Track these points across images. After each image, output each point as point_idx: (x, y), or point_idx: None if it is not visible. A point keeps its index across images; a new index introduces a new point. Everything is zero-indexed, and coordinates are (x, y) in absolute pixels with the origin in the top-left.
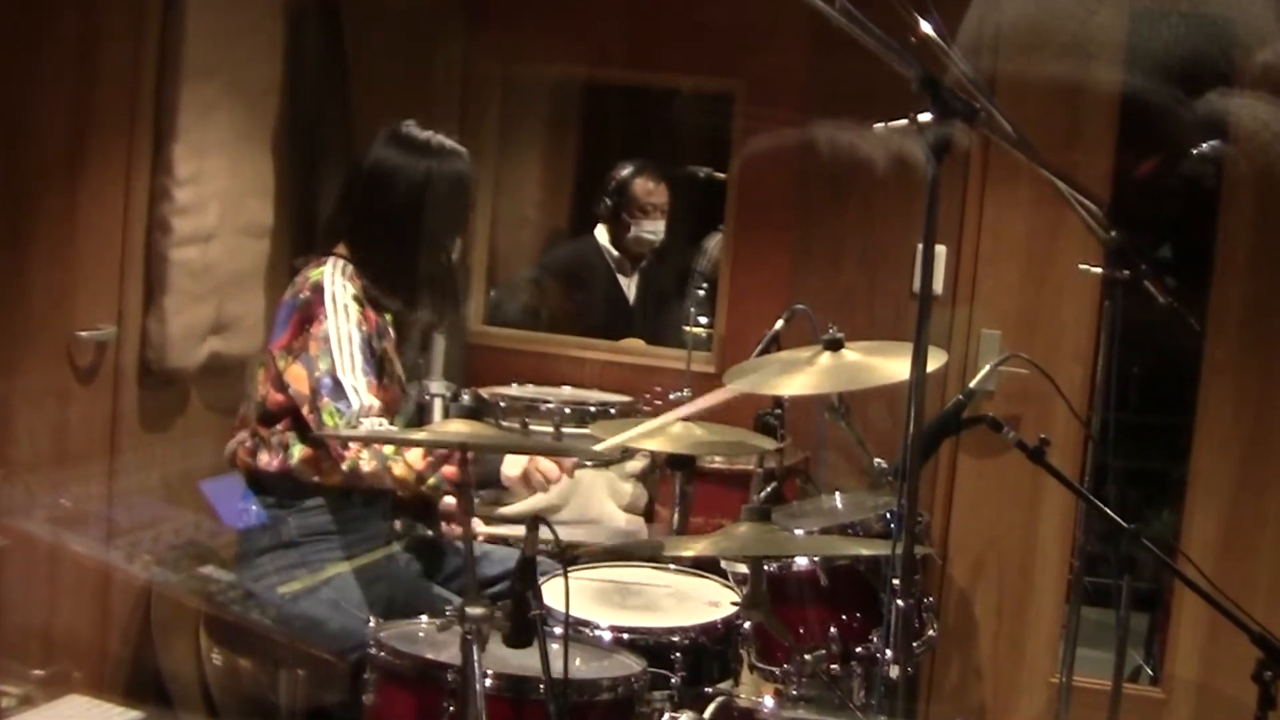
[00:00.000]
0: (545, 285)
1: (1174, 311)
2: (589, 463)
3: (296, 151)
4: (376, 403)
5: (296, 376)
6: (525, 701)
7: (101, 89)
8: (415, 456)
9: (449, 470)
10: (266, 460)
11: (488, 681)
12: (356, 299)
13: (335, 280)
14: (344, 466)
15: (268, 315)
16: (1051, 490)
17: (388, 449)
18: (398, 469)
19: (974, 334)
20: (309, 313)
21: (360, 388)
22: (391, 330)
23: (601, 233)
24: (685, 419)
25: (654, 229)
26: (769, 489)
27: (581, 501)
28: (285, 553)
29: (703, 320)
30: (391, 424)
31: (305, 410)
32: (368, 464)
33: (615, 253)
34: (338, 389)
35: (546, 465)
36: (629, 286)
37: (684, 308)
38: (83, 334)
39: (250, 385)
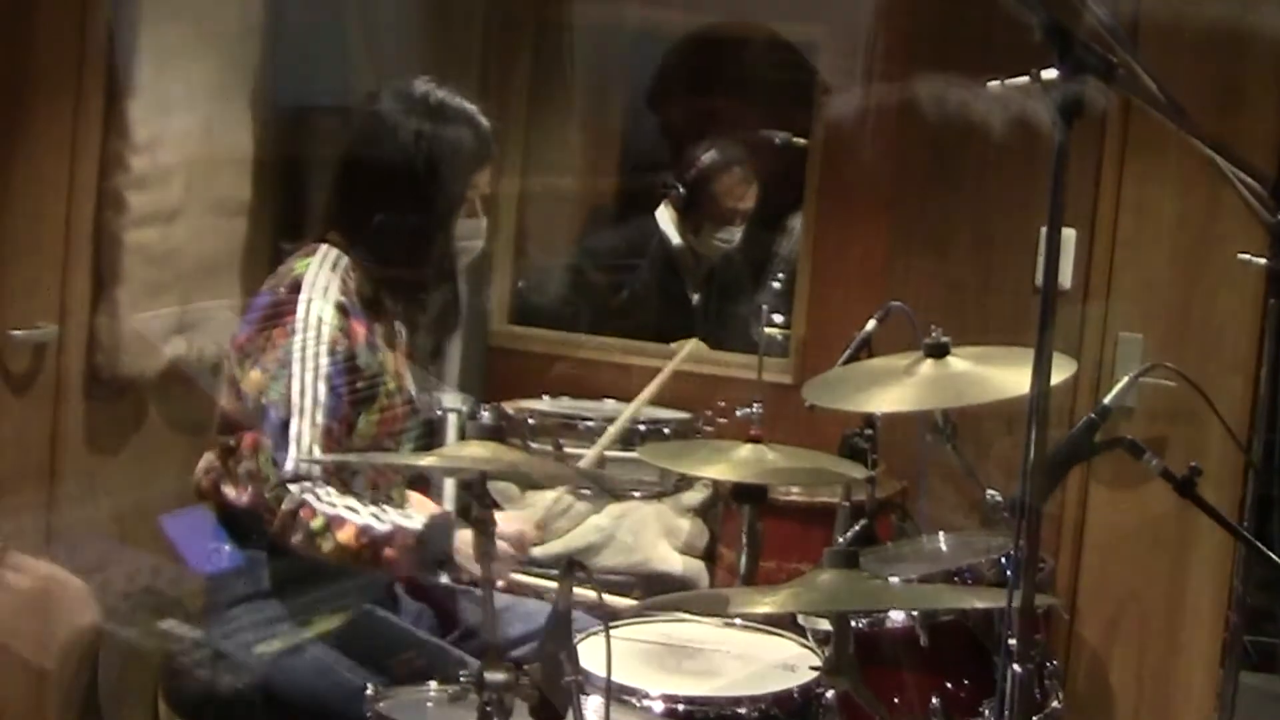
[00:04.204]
0: (586, 275)
1: None
2: (638, 493)
3: (281, 111)
4: (319, 456)
5: (254, 384)
6: None
7: (41, 32)
8: (348, 535)
9: (390, 553)
10: (235, 493)
11: None
12: (341, 306)
13: (318, 280)
14: (271, 529)
15: (244, 311)
16: (1204, 530)
17: (315, 523)
18: (326, 546)
19: (1110, 338)
20: (277, 314)
21: (305, 438)
22: (404, 334)
23: (663, 214)
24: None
25: (729, 238)
26: (857, 527)
27: (628, 541)
28: (264, 604)
29: (778, 319)
30: (396, 448)
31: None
32: (292, 536)
33: (677, 240)
34: (281, 434)
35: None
36: (691, 278)
37: (756, 304)
38: (17, 333)
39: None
